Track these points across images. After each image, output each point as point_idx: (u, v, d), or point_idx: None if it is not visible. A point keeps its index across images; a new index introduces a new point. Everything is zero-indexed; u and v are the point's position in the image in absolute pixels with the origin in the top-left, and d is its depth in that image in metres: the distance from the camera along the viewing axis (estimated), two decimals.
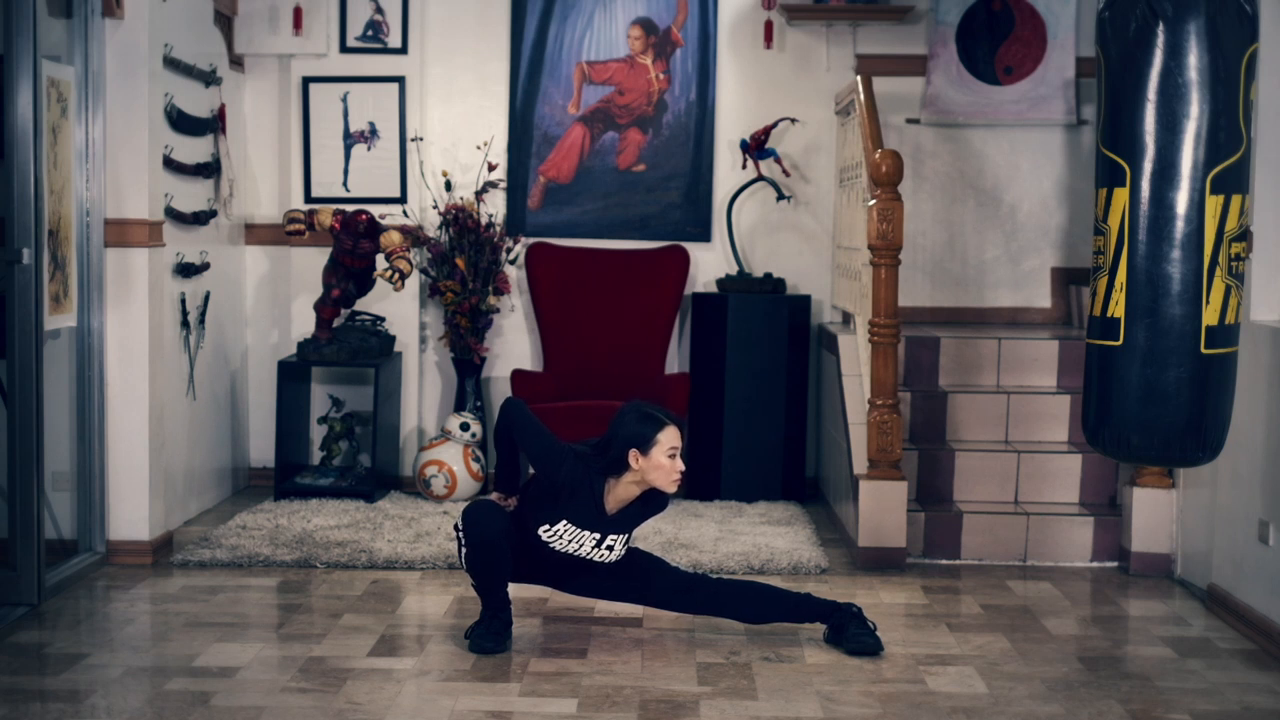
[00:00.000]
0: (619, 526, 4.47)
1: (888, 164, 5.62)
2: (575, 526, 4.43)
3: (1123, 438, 3.99)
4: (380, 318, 6.92)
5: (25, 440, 4.91)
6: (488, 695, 4.12)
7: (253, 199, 7.07)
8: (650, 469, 4.36)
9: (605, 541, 4.47)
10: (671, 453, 4.36)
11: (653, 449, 4.35)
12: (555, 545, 4.46)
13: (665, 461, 4.35)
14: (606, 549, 4.48)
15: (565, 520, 4.42)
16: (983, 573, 5.62)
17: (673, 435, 4.38)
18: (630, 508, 4.47)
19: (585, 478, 4.39)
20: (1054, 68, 7.00)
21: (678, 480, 4.39)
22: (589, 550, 4.47)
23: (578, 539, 4.45)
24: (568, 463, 4.40)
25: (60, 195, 5.20)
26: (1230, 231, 3.88)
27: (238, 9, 6.87)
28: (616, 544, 4.49)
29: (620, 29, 7.07)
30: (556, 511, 4.42)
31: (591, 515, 4.42)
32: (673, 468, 4.36)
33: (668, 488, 4.40)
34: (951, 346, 6.37)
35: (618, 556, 4.52)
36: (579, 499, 4.39)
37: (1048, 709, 4.10)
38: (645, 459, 4.35)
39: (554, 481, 4.39)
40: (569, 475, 4.39)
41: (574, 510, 4.41)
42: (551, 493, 4.41)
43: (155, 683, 4.19)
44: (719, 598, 4.64)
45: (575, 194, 7.12)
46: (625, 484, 4.41)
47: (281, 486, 6.64)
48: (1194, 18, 3.81)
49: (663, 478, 4.37)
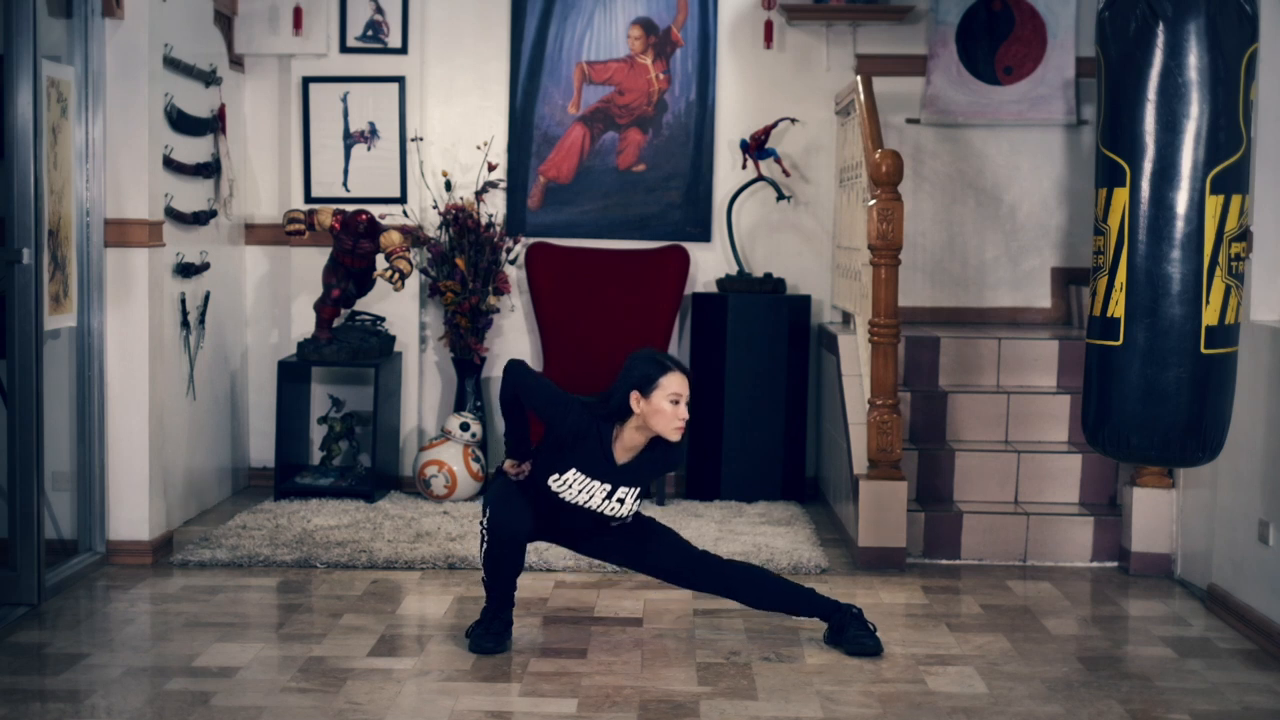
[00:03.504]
0: (629, 478, 4.43)
1: (888, 164, 5.62)
2: (585, 475, 4.40)
3: (1122, 438, 3.99)
4: (380, 318, 6.92)
5: (25, 440, 4.91)
6: (488, 695, 4.12)
7: (253, 199, 7.07)
8: (651, 413, 4.33)
9: (616, 494, 4.43)
10: (673, 398, 4.32)
11: (654, 392, 4.33)
12: (565, 495, 4.42)
13: (666, 407, 4.32)
14: (617, 502, 4.44)
15: (574, 469, 4.39)
16: (983, 573, 5.62)
17: (675, 381, 4.34)
18: (641, 460, 4.43)
19: (592, 425, 4.38)
20: (1054, 68, 7.01)
21: (680, 428, 4.35)
22: (600, 503, 4.43)
23: (588, 489, 4.41)
24: (574, 411, 4.40)
25: (60, 195, 5.20)
26: (1230, 231, 3.88)
27: (238, 9, 6.88)
28: (628, 498, 4.45)
29: (620, 29, 7.07)
30: (565, 460, 4.39)
31: (600, 464, 4.39)
32: (674, 414, 4.33)
33: (670, 435, 4.35)
34: (951, 346, 6.37)
35: (629, 511, 4.48)
36: (587, 447, 4.38)
37: (1048, 709, 4.10)
38: (646, 402, 4.33)
39: (561, 431, 4.38)
40: (575, 423, 4.38)
41: (583, 459, 4.38)
42: (560, 443, 4.39)
43: (155, 683, 4.19)
44: (726, 578, 4.62)
45: (575, 194, 7.12)
46: (630, 431, 4.38)
47: (281, 486, 6.64)
48: (1194, 18, 3.81)
49: (663, 424, 4.34)
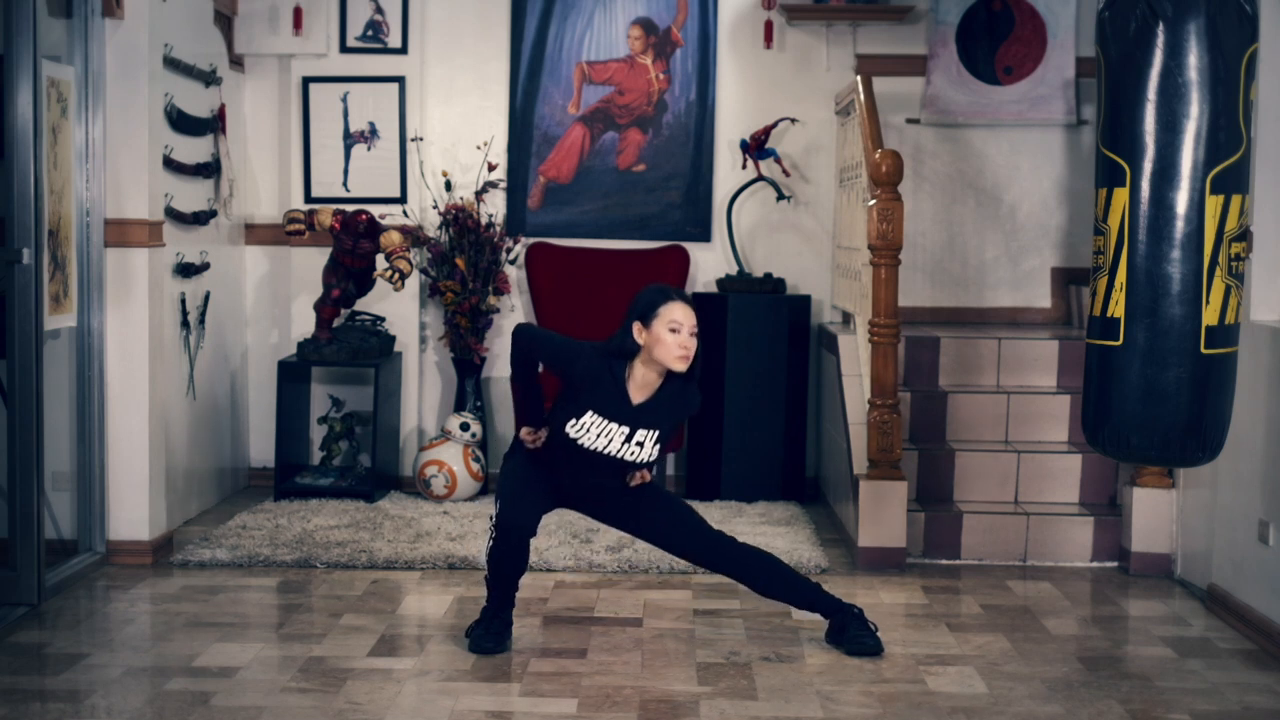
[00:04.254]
0: (647, 419, 4.41)
1: (888, 164, 5.62)
2: (602, 418, 4.37)
3: (1122, 438, 3.99)
4: (380, 318, 6.92)
5: (25, 440, 4.91)
6: (488, 695, 4.12)
7: (253, 199, 7.07)
8: (654, 343, 4.33)
9: (635, 437, 4.40)
10: (673, 326, 4.31)
11: (654, 322, 4.33)
12: (584, 441, 4.39)
13: (666, 335, 4.31)
14: (637, 445, 4.41)
15: (591, 411, 4.38)
16: (983, 573, 5.62)
17: (676, 309, 4.34)
18: (658, 400, 4.41)
19: (605, 365, 4.38)
20: (1054, 68, 7.01)
21: (683, 356, 4.32)
22: (619, 447, 4.40)
23: (606, 432, 4.39)
24: (585, 354, 4.40)
25: (60, 195, 5.20)
26: (1230, 231, 3.88)
27: (238, 9, 6.88)
28: (647, 441, 4.41)
29: (620, 29, 7.07)
30: (582, 403, 4.38)
31: (616, 405, 4.37)
32: (675, 343, 4.31)
33: (673, 364, 4.33)
34: (951, 346, 6.37)
35: (649, 456, 4.44)
36: (602, 388, 4.37)
37: (1048, 709, 4.10)
38: (648, 332, 4.33)
39: (575, 375, 4.38)
40: (587, 365, 4.38)
41: (599, 400, 4.37)
42: (575, 388, 4.38)
43: (155, 683, 4.19)
44: (737, 560, 4.60)
45: (575, 194, 7.12)
46: (640, 367, 4.38)
47: (281, 486, 6.64)
48: (1194, 18, 3.81)
49: (665, 353, 4.32)
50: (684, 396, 4.45)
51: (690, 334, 4.34)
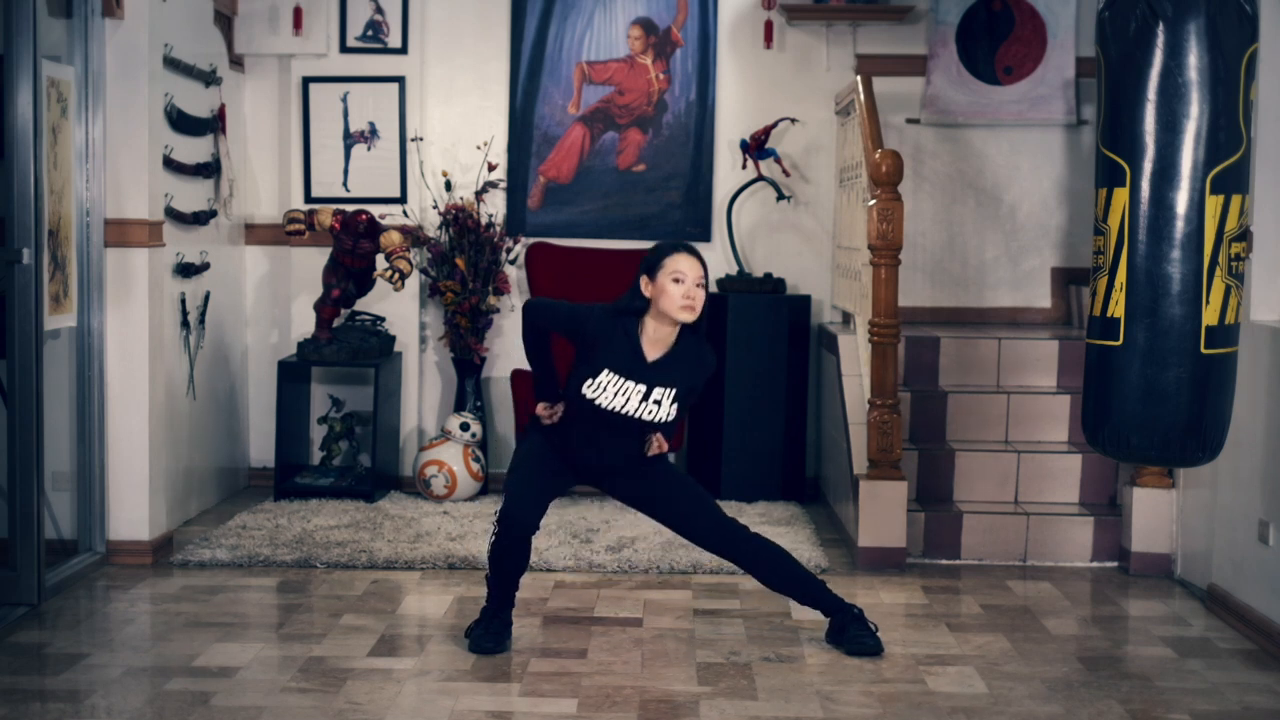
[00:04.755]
0: (663, 376, 4.39)
1: (888, 164, 5.62)
2: (618, 375, 4.36)
3: (1122, 438, 3.99)
4: (380, 318, 6.92)
5: (25, 440, 4.91)
6: (488, 695, 4.12)
7: (253, 199, 7.07)
8: (659, 295, 4.34)
9: (652, 395, 4.39)
10: (676, 277, 4.32)
11: (659, 273, 4.34)
12: (601, 401, 4.38)
13: (670, 286, 4.32)
14: (654, 404, 4.39)
15: (606, 369, 4.37)
16: (983, 573, 5.62)
17: (680, 260, 4.35)
18: (673, 358, 4.40)
19: (617, 322, 4.39)
20: (1054, 68, 7.01)
21: (687, 306, 4.32)
22: (636, 405, 4.38)
23: (622, 390, 4.37)
24: (596, 314, 4.42)
25: (60, 195, 5.20)
26: (1230, 231, 3.88)
27: (238, 9, 6.88)
28: (664, 399, 4.40)
29: (620, 29, 7.07)
30: (597, 362, 4.37)
31: (631, 361, 4.37)
32: (679, 293, 4.31)
33: (677, 314, 4.33)
34: (951, 346, 6.37)
35: (668, 415, 4.42)
36: (616, 346, 4.37)
37: (1048, 709, 4.10)
38: (654, 285, 4.35)
39: (588, 336, 4.38)
40: (599, 325, 4.39)
41: (613, 358, 4.37)
42: (590, 348, 4.38)
43: (155, 683, 4.19)
44: (747, 551, 4.60)
45: (575, 194, 7.12)
46: (652, 322, 4.38)
47: (281, 486, 6.64)
48: (1194, 18, 3.81)
49: (670, 304, 4.32)
50: (699, 354, 4.45)
51: (695, 284, 4.34)
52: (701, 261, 4.40)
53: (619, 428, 4.45)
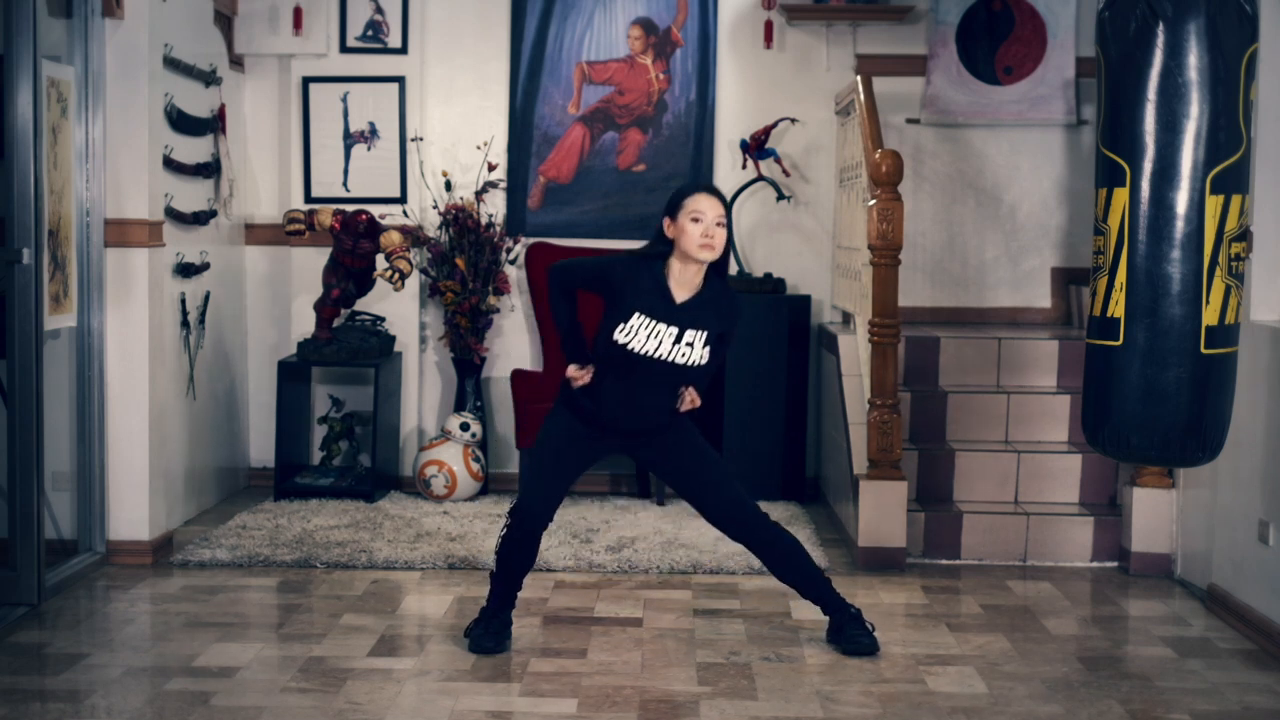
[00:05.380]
0: (693, 318, 4.40)
1: (888, 164, 5.62)
2: (649, 318, 4.37)
3: (1122, 438, 3.99)
4: (380, 318, 6.92)
5: (25, 440, 4.91)
6: (488, 695, 4.12)
7: (253, 199, 7.07)
8: (679, 235, 4.36)
9: (684, 337, 4.38)
10: (696, 216, 4.34)
11: (679, 214, 4.37)
12: (634, 346, 4.37)
13: (689, 226, 4.34)
14: (687, 346, 4.39)
15: (637, 312, 4.37)
16: (983, 573, 5.62)
17: (699, 200, 4.37)
18: (702, 301, 4.41)
19: (643, 266, 4.41)
20: (1054, 68, 7.00)
21: (705, 245, 4.34)
22: (669, 349, 4.38)
23: (654, 333, 4.37)
24: (621, 261, 4.45)
25: (60, 195, 5.20)
26: (1230, 231, 3.88)
27: (238, 9, 6.88)
28: (696, 341, 4.39)
29: (620, 29, 7.07)
30: (627, 307, 4.38)
31: (660, 303, 4.38)
32: (698, 232, 4.33)
33: (696, 254, 4.34)
34: (951, 346, 6.37)
35: (701, 359, 4.42)
36: (644, 289, 4.38)
37: (1048, 709, 4.10)
38: (674, 225, 4.38)
39: (615, 284, 4.39)
40: (626, 270, 4.41)
41: (642, 301, 4.38)
42: (618, 295, 4.39)
43: (155, 683, 4.19)
44: (764, 540, 4.59)
45: (575, 194, 7.12)
46: (677, 264, 4.40)
47: (281, 486, 6.64)
48: (1194, 18, 3.81)
49: (690, 244, 4.34)
50: (727, 297, 4.47)
51: (715, 224, 4.35)
52: (722, 200, 4.42)
53: (653, 378, 4.43)
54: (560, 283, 4.53)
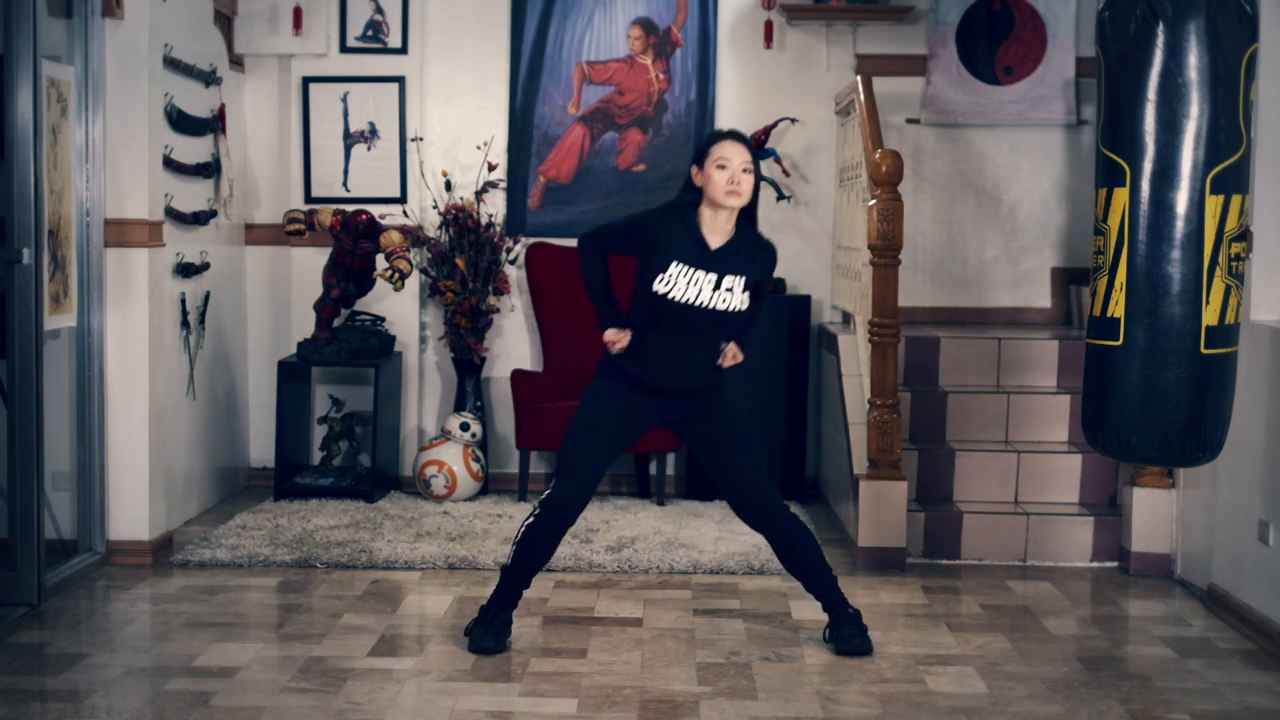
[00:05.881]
0: (730, 264, 4.41)
1: (888, 164, 5.62)
2: (686, 265, 4.37)
3: (1122, 438, 3.99)
4: (380, 318, 6.92)
5: (25, 440, 4.91)
6: (488, 695, 4.12)
7: (253, 199, 7.08)
8: (707, 183, 4.39)
9: (723, 283, 4.39)
10: (721, 163, 4.36)
11: (706, 162, 4.40)
12: (674, 294, 4.37)
13: (715, 173, 4.37)
14: (726, 291, 4.39)
15: (674, 261, 4.38)
16: (983, 573, 5.62)
17: (724, 147, 4.40)
18: (735, 245, 4.43)
19: (675, 215, 4.43)
20: (1054, 68, 7.00)
21: (733, 191, 4.37)
22: (709, 296, 4.38)
23: (693, 280, 4.37)
24: (652, 215, 4.47)
25: (60, 195, 5.20)
26: (1230, 231, 3.88)
27: (238, 9, 6.88)
28: (735, 286, 4.40)
29: (620, 29, 7.07)
30: (664, 258, 4.38)
31: (696, 250, 4.39)
32: (723, 179, 4.36)
33: (722, 200, 4.37)
34: (951, 346, 6.37)
35: (741, 304, 4.43)
36: (678, 238, 4.39)
37: (1048, 709, 4.10)
38: (701, 173, 4.41)
39: (649, 236, 4.40)
40: (658, 223, 4.42)
41: (678, 249, 4.38)
42: (653, 247, 4.39)
43: (155, 683, 4.19)
44: (781, 530, 4.59)
45: (575, 194, 7.12)
46: (708, 212, 4.42)
47: (281, 486, 6.64)
48: (1194, 18, 3.81)
49: (716, 191, 4.37)
50: (761, 242, 4.51)
51: (741, 170, 4.38)
52: (748, 146, 4.43)
53: (695, 331, 4.43)
54: (592, 246, 4.55)
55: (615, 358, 4.49)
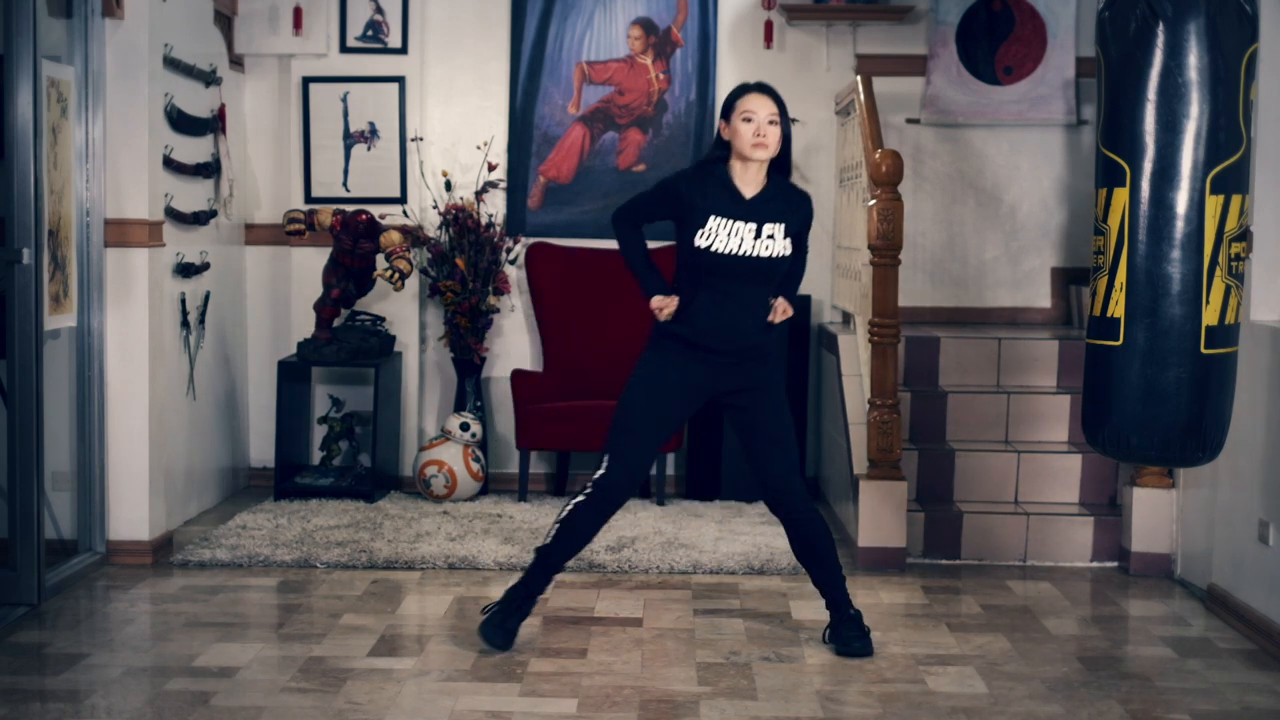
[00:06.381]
0: (768, 213, 4.42)
1: (888, 164, 5.62)
2: (724, 218, 4.38)
3: (1122, 437, 3.99)
4: (380, 318, 6.92)
5: (25, 440, 4.91)
6: (488, 695, 4.12)
7: (253, 199, 7.08)
8: (734, 137, 4.41)
9: (763, 230, 4.40)
10: (747, 116, 4.37)
11: (732, 115, 4.42)
12: (716, 246, 4.37)
13: (741, 126, 4.38)
14: (768, 239, 4.40)
15: (712, 215, 4.39)
16: (983, 573, 5.62)
17: (750, 99, 4.41)
18: (770, 193, 4.44)
19: (707, 170, 4.46)
20: (1054, 68, 7.01)
21: (758, 144, 4.37)
22: (751, 244, 4.39)
23: (733, 232, 4.38)
24: (683, 176, 4.50)
25: (60, 195, 5.20)
26: (1230, 231, 3.89)
27: (238, 9, 6.88)
28: (776, 233, 4.41)
29: (620, 29, 7.07)
30: (702, 213, 4.39)
31: (732, 202, 4.40)
32: (749, 131, 4.37)
33: (748, 153, 4.38)
34: (951, 346, 6.37)
35: (784, 250, 4.43)
36: (712, 192, 4.41)
37: (1048, 709, 4.10)
38: (729, 127, 4.43)
39: (683, 197, 4.42)
40: (690, 182, 4.45)
41: (715, 203, 4.40)
42: (690, 208, 4.40)
43: (155, 683, 4.19)
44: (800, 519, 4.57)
45: (575, 194, 7.12)
46: (738, 164, 4.43)
47: (281, 486, 6.64)
48: (1194, 18, 3.81)
49: (743, 143, 4.39)
50: (795, 190, 4.52)
51: (767, 121, 4.38)
52: (775, 98, 4.43)
53: (741, 282, 4.42)
54: (626, 219, 4.58)
55: (665, 324, 4.50)
